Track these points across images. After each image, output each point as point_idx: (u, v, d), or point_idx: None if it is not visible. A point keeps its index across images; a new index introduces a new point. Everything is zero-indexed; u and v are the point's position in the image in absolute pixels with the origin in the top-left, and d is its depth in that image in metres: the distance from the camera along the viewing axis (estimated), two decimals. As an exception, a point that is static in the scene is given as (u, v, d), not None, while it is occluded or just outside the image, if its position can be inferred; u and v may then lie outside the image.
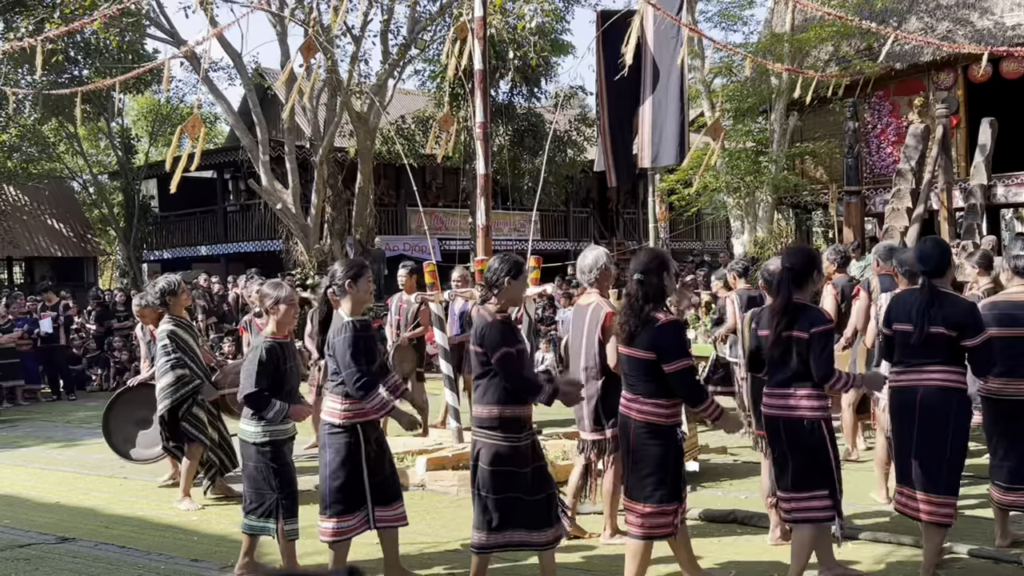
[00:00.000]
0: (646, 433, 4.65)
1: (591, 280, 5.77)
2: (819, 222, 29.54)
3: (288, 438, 5.45)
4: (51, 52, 17.42)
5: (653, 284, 4.66)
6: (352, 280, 5.12)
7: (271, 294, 5.49)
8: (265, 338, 5.44)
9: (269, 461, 5.31)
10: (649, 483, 4.63)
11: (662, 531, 4.66)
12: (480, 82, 8.35)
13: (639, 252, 5.03)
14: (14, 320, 15.30)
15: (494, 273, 4.79)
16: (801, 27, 19.55)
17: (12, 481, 8.67)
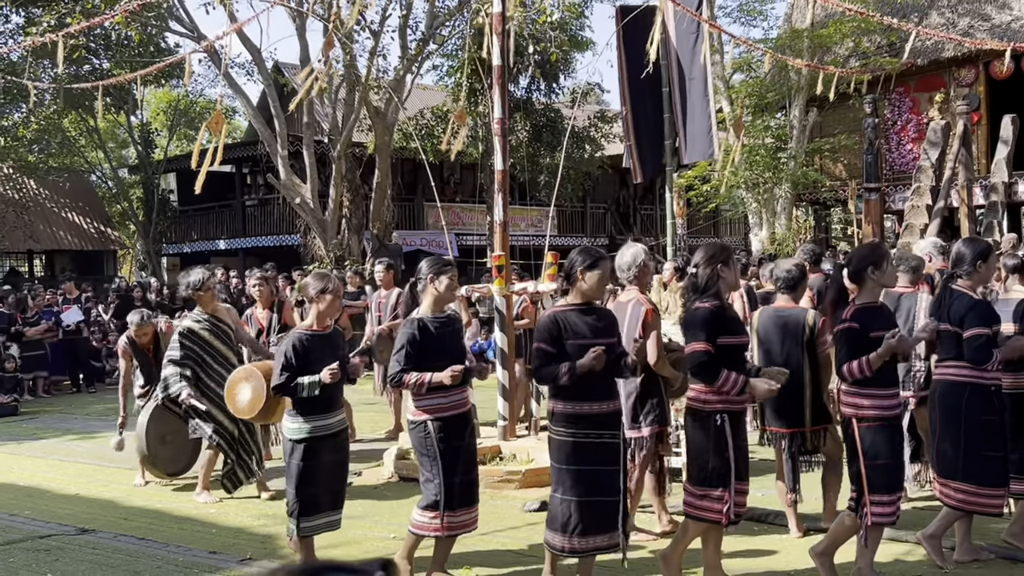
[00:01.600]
0: (688, 418, 4.80)
1: (630, 277, 5.79)
2: (838, 219, 29.41)
3: (331, 434, 5.36)
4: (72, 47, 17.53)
5: (703, 275, 4.71)
6: (435, 275, 5.16)
7: (316, 284, 5.43)
8: (298, 330, 5.41)
9: (300, 459, 5.26)
10: (693, 466, 4.76)
11: (709, 515, 4.69)
12: (499, 78, 8.34)
13: (701, 245, 5.07)
14: (40, 312, 15.44)
15: (569, 264, 4.81)
16: (821, 22, 19.46)
17: (33, 472, 8.74)
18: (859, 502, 4.75)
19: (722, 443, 4.65)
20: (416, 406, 5.11)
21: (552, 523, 4.74)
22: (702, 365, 4.61)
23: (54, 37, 10.50)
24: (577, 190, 24.90)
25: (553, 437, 4.76)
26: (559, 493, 4.73)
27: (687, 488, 4.82)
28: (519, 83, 23.43)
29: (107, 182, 31.15)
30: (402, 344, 5.04)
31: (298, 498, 5.29)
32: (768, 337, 5.80)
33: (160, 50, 23.00)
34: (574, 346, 4.67)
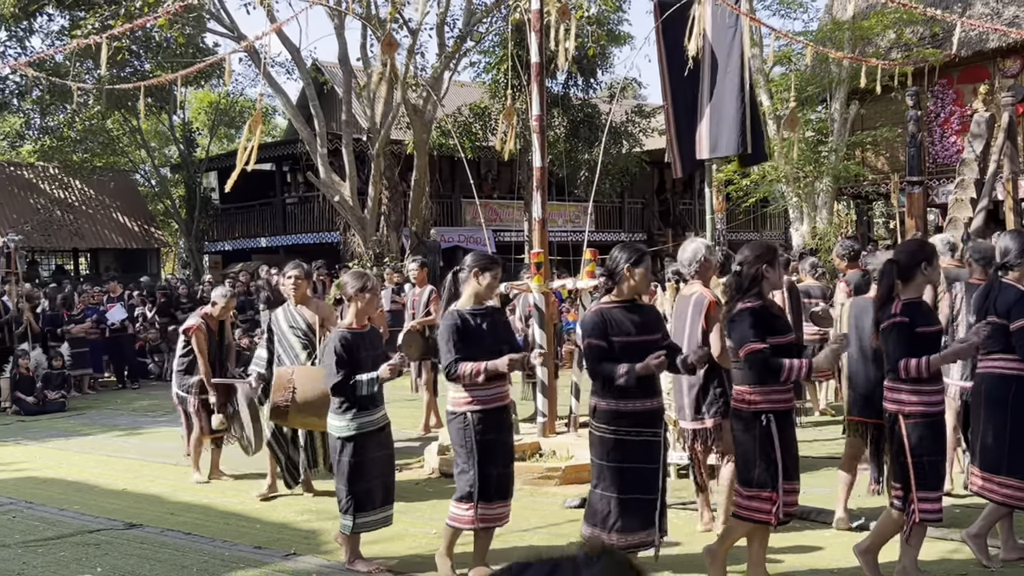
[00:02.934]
0: (733, 419, 4.80)
1: (692, 272, 5.79)
2: (880, 212, 29.06)
3: (377, 429, 5.42)
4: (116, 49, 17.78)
5: (749, 274, 4.70)
6: (480, 271, 5.18)
7: (354, 283, 5.47)
8: (340, 329, 5.46)
9: (350, 456, 5.32)
10: (741, 467, 4.74)
11: (758, 516, 4.67)
12: (537, 74, 8.35)
13: (747, 244, 5.07)
14: (84, 310, 15.70)
15: (614, 261, 4.82)
16: (863, 14, 19.22)
17: (81, 468, 8.90)
18: (905, 499, 4.70)
19: (769, 444, 4.63)
20: (456, 397, 5.13)
21: (591, 518, 4.75)
22: (765, 364, 4.59)
23: (98, 39, 10.66)
24: (615, 186, 24.83)
25: (595, 433, 4.77)
26: (599, 489, 4.75)
27: (736, 488, 4.81)
28: (556, 79, 23.41)
29: (150, 181, 31.59)
30: (448, 335, 5.06)
31: (351, 494, 5.33)
32: (860, 325, 5.78)
33: (200, 50, 23.28)
34: (620, 343, 4.69)
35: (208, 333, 8.09)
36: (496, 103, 23.41)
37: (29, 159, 29.55)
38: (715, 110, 8.89)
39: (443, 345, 5.09)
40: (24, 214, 25.47)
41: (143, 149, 29.45)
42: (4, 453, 9.94)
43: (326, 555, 5.82)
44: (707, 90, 8.89)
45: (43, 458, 9.55)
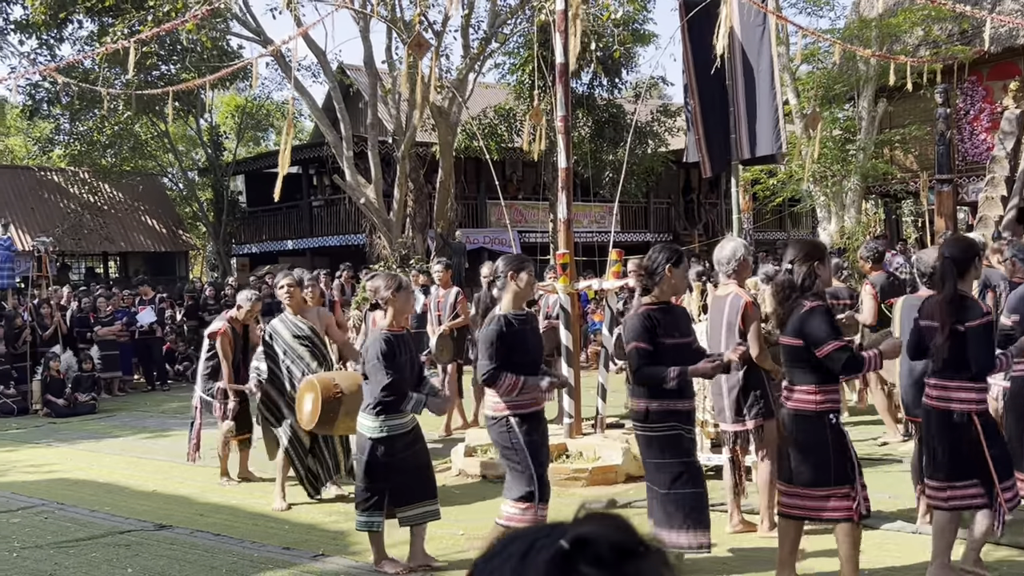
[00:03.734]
0: (796, 420, 4.68)
1: (729, 271, 5.71)
2: (909, 211, 28.79)
3: (406, 432, 5.44)
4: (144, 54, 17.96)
5: (803, 272, 4.65)
6: (514, 273, 5.18)
7: (388, 284, 5.48)
8: (381, 330, 5.44)
9: (382, 456, 5.33)
10: (812, 468, 4.63)
11: (839, 514, 4.62)
12: (562, 75, 8.34)
13: (793, 242, 5.03)
14: (114, 313, 15.86)
15: (654, 261, 4.79)
16: (890, 11, 19.05)
17: (112, 469, 8.98)
18: (991, 495, 4.69)
19: (842, 439, 4.61)
20: (495, 402, 5.13)
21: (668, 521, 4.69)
22: (852, 359, 4.54)
23: (126, 44, 10.77)
24: (641, 186, 24.75)
25: (655, 435, 4.74)
26: (678, 487, 4.73)
27: (802, 493, 4.66)
28: (581, 79, 23.37)
29: (178, 184, 31.85)
30: (491, 341, 5.04)
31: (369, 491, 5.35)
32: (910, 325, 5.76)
33: (226, 54, 23.44)
34: (671, 345, 4.68)
35: (233, 337, 8.05)
36: (521, 104, 23.41)
37: (59, 163, 29.88)
38: (751, 110, 8.86)
39: (484, 351, 5.06)
40: (55, 218, 25.75)
41: (171, 153, 29.70)
42: (35, 455, 10.05)
43: (354, 556, 5.84)
44: (741, 90, 8.86)
45: (74, 460, 9.65)
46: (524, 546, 0.89)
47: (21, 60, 25.48)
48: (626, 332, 4.73)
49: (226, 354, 7.92)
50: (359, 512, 5.46)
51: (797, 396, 4.65)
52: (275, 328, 7.28)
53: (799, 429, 4.65)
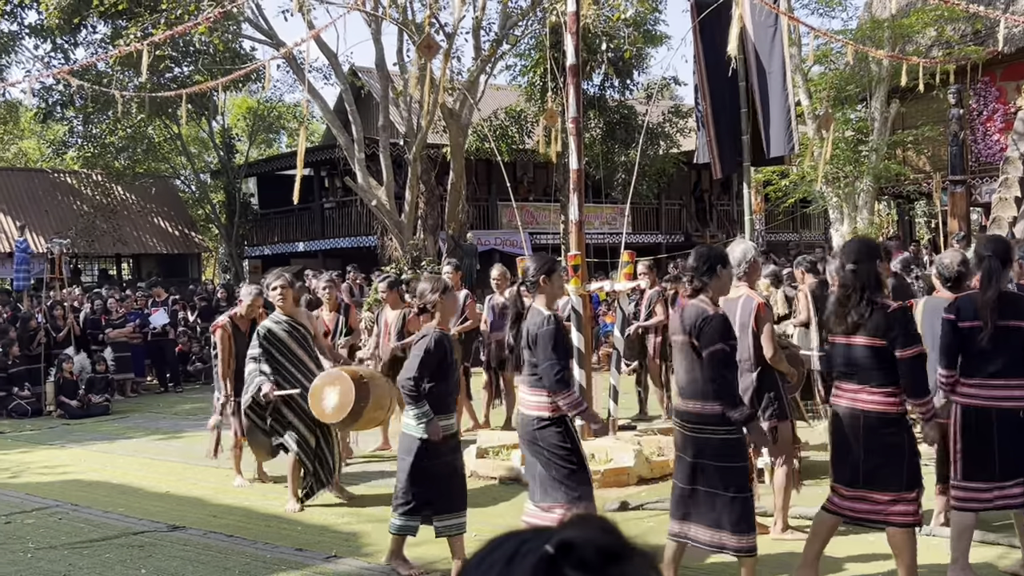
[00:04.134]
0: (881, 423, 4.58)
1: (740, 274, 5.65)
2: (922, 212, 28.67)
3: (451, 435, 5.41)
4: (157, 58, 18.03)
5: (869, 272, 4.61)
6: (547, 275, 5.15)
7: (433, 287, 5.45)
8: (435, 328, 5.41)
9: (428, 458, 5.28)
10: (885, 472, 4.58)
11: (905, 519, 4.59)
12: (573, 76, 8.34)
13: (848, 242, 4.99)
14: (127, 315, 15.92)
15: (705, 262, 4.75)
16: (903, 11, 18.99)
17: (125, 471, 9.02)
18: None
19: (915, 444, 4.61)
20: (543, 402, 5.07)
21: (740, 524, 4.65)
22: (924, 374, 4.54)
23: (139, 47, 10.83)
24: (652, 187, 24.73)
25: (731, 437, 4.69)
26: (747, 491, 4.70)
27: (869, 496, 4.59)
28: (592, 80, 23.37)
29: (190, 187, 31.98)
30: (555, 340, 4.98)
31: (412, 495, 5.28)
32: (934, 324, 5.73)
33: (239, 56, 23.53)
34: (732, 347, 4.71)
35: (235, 333, 7.97)
36: (532, 106, 23.42)
37: (73, 166, 30.04)
38: (763, 112, 8.85)
39: (549, 351, 4.97)
40: (68, 220, 25.88)
41: (184, 155, 29.82)
42: (49, 456, 10.10)
43: (367, 557, 5.85)
44: (755, 92, 8.84)
45: (87, 461, 9.69)
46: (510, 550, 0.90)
47: (36, 64, 25.65)
48: (707, 333, 4.57)
49: (224, 348, 7.92)
50: (397, 514, 5.36)
51: (876, 398, 4.57)
52: (270, 329, 7.13)
53: (881, 432, 4.57)
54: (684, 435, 4.75)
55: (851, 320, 4.59)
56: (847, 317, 4.61)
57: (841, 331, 4.67)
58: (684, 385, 4.77)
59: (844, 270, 4.66)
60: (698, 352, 4.65)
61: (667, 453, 7.98)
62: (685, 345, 4.71)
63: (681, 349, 4.76)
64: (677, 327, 4.80)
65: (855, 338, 4.61)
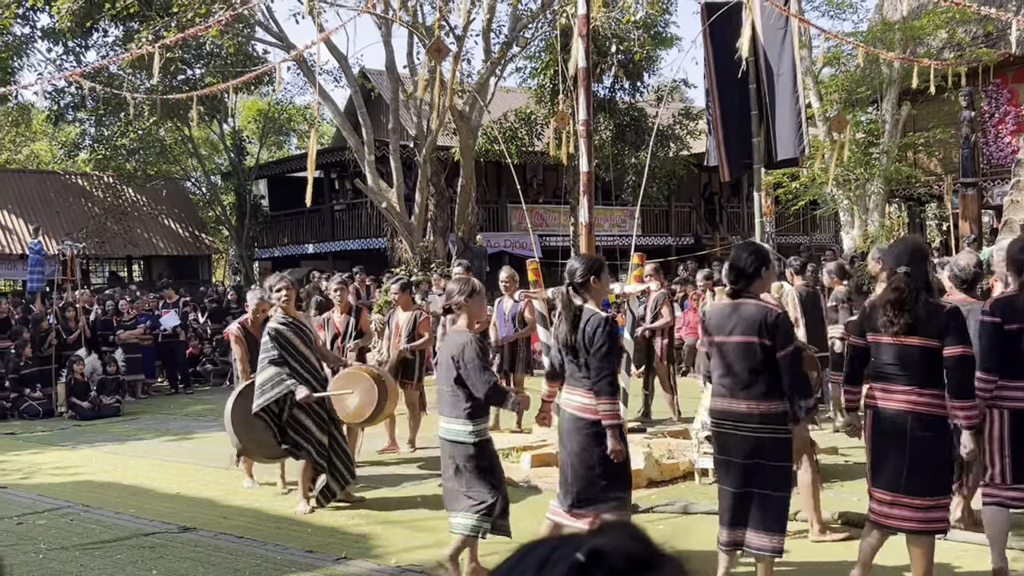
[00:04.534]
0: (929, 425, 4.54)
1: None
2: (933, 215, 28.59)
3: (489, 439, 5.39)
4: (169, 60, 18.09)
5: (922, 273, 4.59)
6: (596, 276, 5.10)
7: (462, 289, 5.41)
8: (464, 332, 5.34)
9: (484, 459, 5.24)
10: (929, 477, 4.54)
11: (939, 525, 4.57)
12: (583, 79, 8.34)
13: (895, 243, 4.96)
14: (137, 316, 15.98)
15: (750, 264, 4.73)
16: (914, 13, 18.94)
17: (136, 472, 9.05)
18: None
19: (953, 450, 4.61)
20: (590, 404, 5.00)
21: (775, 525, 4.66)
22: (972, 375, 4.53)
23: (151, 49, 10.87)
24: (662, 189, 24.70)
25: (784, 437, 4.68)
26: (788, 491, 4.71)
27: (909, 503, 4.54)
28: (603, 82, 23.37)
29: (201, 188, 32.08)
30: (612, 346, 4.92)
31: (496, 496, 5.22)
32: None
33: (250, 59, 23.60)
34: None
35: (248, 338, 7.98)
36: (542, 108, 23.43)
37: (84, 168, 30.15)
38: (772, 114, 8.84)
39: (613, 355, 4.95)
40: (79, 222, 25.98)
41: (194, 157, 29.91)
42: (60, 457, 10.14)
43: (377, 559, 5.85)
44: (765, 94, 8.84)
45: (98, 462, 9.72)
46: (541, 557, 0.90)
47: (48, 67, 25.77)
48: (783, 331, 4.55)
49: (240, 356, 8.00)
50: (472, 514, 5.22)
51: (927, 400, 4.53)
52: (279, 330, 7.10)
53: (929, 435, 4.52)
54: (739, 436, 4.68)
55: (905, 321, 4.53)
56: (901, 318, 4.55)
57: (892, 332, 4.59)
58: (739, 385, 4.68)
59: (896, 272, 4.60)
60: (766, 351, 4.59)
61: (677, 456, 7.97)
62: (747, 345, 4.63)
63: (738, 349, 4.67)
64: (726, 326, 4.71)
65: (909, 339, 4.54)
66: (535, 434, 9.29)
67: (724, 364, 4.76)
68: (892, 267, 4.65)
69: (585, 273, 5.07)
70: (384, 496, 7.55)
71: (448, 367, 5.26)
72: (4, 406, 13.62)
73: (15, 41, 24.93)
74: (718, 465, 4.90)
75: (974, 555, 5.35)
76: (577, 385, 5.06)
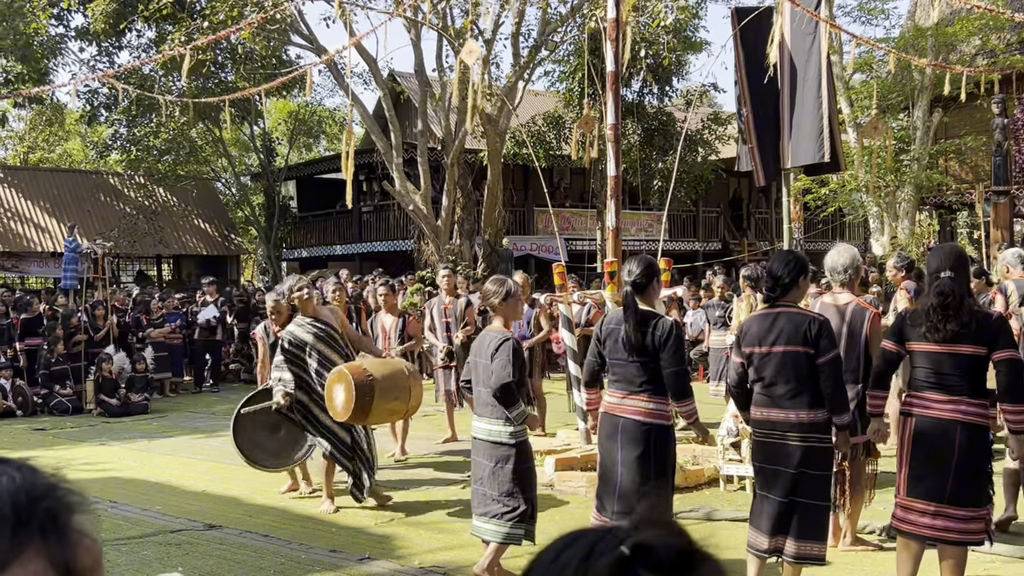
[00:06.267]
0: (975, 435, 4.49)
1: (845, 280, 5.53)
2: (964, 223, 28.29)
3: (525, 440, 5.34)
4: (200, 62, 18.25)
5: (966, 280, 4.56)
6: (657, 277, 5.08)
7: (498, 290, 5.36)
8: (500, 332, 5.31)
9: (522, 461, 5.19)
10: (973, 487, 4.50)
11: (977, 537, 4.52)
12: (612, 83, 8.33)
13: (937, 249, 4.90)
14: (167, 315, 16.13)
15: (788, 273, 4.68)
16: (947, 20, 18.78)
17: (163, 469, 9.13)
18: None
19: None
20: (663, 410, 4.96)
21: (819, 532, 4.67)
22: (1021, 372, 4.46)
23: (183, 50, 10.98)
24: (690, 194, 24.62)
25: (829, 447, 4.66)
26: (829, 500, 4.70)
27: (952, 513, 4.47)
28: (631, 87, 23.33)
29: (231, 189, 32.32)
30: (680, 347, 4.89)
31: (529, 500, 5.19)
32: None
33: (282, 62, 23.77)
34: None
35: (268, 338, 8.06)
36: (570, 112, 23.42)
37: (116, 168, 30.47)
38: (795, 119, 8.80)
39: (679, 357, 4.89)
40: (111, 221, 26.24)
41: (225, 158, 30.15)
42: (89, 453, 10.25)
43: (400, 560, 5.87)
44: (787, 98, 8.79)
45: (126, 459, 9.82)
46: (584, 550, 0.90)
47: (81, 67, 26.08)
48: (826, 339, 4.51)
49: (261, 358, 8.13)
50: (506, 522, 5.15)
51: (974, 409, 4.46)
52: (294, 333, 7.15)
53: (973, 445, 4.47)
54: (788, 446, 4.62)
55: (950, 328, 4.44)
56: (946, 324, 4.45)
57: (936, 339, 4.49)
58: (787, 395, 4.62)
59: (941, 277, 4.50)
60: (811, 359, 4.55)
61: (702, 462, 7.94)
62: (791, 355, 4.58)
63: (781, 359, 4.61)
64: (767, 337, 4.66)
65: (957, 347, 4.46)
66: (559, 438, 9.30)
67: (768, 375, 4.69)
68: (934, 272, 4.56)
69: (645, 274, 5.01)
70: (408, 497, 7.57)
71: (485, 367, 5.24)
72: (35, 402, 13.80)
73: (49, 41, 25.26)
74: (761, 474, 4.81)
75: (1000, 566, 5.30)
76: (637, 390, 4.94)
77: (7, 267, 25.94)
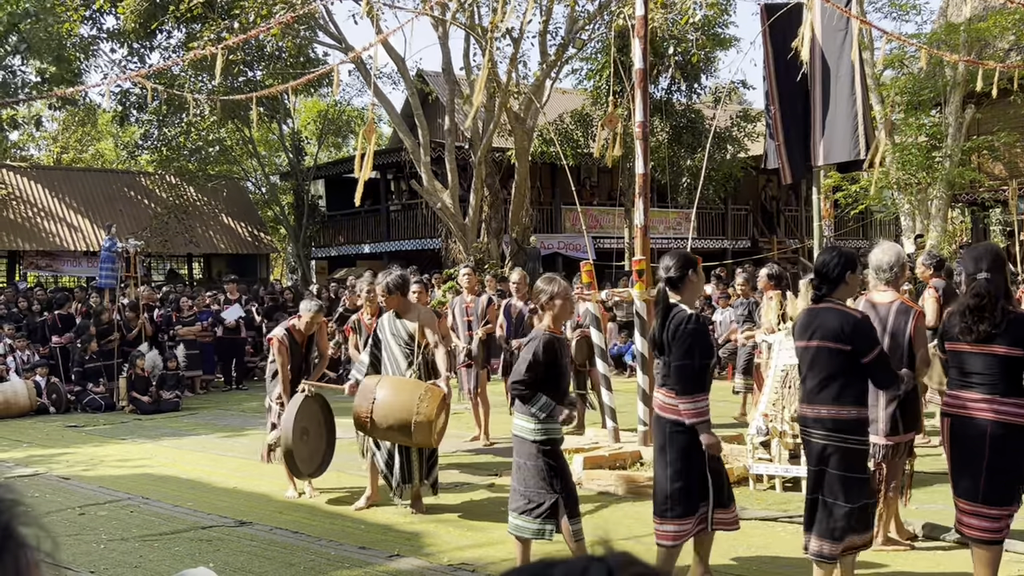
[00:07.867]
0: (1009, 434, 4.47)
1: (891, 277, 5.49)
2: (997, 220, 27.95)
3: (561, 437, 5.32)
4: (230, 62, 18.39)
5: (1002, 280, 4.53)
6: (693, 270, 4.97)
7: (546, 289, 5.34)
8: (544, 331, 5.30)
9: (550, 459, 5.16)
10: (1006, 486, 4.49)
11: (1001, 536, 4.51)
12: (640, 81, 8.31)
13: (972, 249, 4.87)
14: (197, 314, 16.27)
15: (833, 268, 4.64)
16: (980, 16, 18.56)
17: (194, 466, 9.22)
18: None
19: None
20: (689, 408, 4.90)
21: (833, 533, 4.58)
22: None
23: (213, 50, 11.06)
24: (719, 192, 24.49)
25: (859, 448, 4.60)
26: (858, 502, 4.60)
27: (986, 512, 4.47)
28: (659, 84, 23.24)
29: (260, 188, 32.55)
30: (694, 343, 4.82)
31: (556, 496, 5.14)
32: None
33: (310, 60, 23.90)
34: None
35: (291, 345, 7.87)
36: (598, 109, 23.37)
37: (147, 167, 30.77)
38: (828, 116, 8.73)
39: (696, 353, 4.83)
40: (142, 220, 26.52)
41: (254, 157, 30.38)
42: (121, 450, 10.36)
43: (429, 557, 5.89)
44: (819, 96, 8.73)
45: (158, 456, 9.92)
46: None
47: (113, 68, 26.35)
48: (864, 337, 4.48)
49: (282, 363, 7.79)
50: (532, 518, 5.15)
51: (1009, 408, 4.44)
52: (382, 323, 7.27)
53: (1008, 444, 4.45)
54: (811, 442, 4.64)
55: (983, 329, 4.44)
56: (980, 324, 4.45)
57: (971, 339, 4.49)
58: (815, 390, 4.61)
59: (977, 278, 4.49)
60: (844, 356, 4.50)
61: (731, 461, 7.89)
62: (824, 349, 4.55)
63: (815, 354, 4.59)
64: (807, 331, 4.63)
65: (992, 347, 4.44)
66: (587, 436, 9.28)
67: (803, 369, 4.72)
68: (971, 273, 4.53)
69: (680, 268, 4.94)
70: (437, 496, 7.58)
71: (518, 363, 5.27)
72: (68, 399, 13.97)
73: (82, 42, 25.55)
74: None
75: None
76: (661, 384, 5.00)
77: (40, 266, 26.28)
